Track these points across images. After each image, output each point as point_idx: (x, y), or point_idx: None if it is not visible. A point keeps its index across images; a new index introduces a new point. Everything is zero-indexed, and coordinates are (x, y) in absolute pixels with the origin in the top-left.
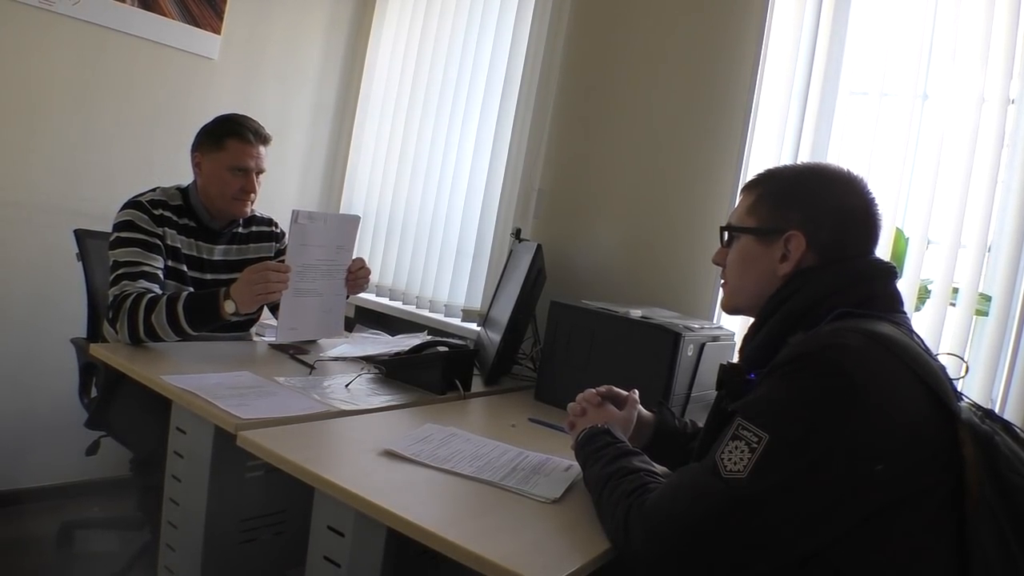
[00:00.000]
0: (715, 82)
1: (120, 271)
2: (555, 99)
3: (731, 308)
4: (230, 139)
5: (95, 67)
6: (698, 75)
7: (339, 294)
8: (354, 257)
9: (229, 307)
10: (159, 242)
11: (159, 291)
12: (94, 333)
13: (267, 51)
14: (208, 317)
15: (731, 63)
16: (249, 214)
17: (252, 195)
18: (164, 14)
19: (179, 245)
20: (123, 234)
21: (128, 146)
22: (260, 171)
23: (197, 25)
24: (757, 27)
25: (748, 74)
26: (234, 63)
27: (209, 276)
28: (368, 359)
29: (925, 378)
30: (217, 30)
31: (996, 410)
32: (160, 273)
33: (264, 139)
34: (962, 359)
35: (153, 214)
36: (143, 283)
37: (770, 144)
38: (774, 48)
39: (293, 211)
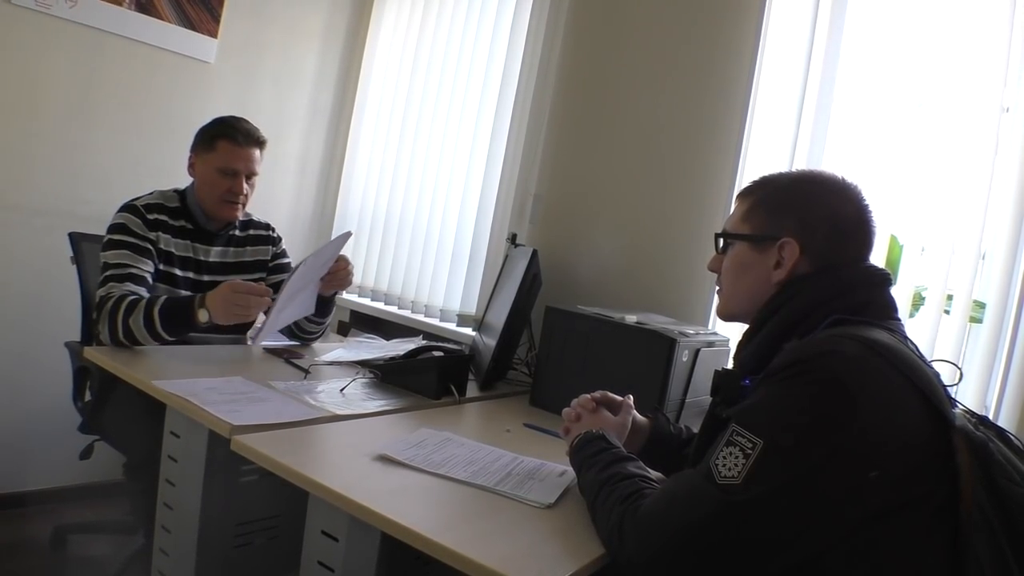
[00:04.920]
0: (711, 89)
1: (108, 272)
2: (551, 105)
3: (726, 315)
4: (220, 141)
5: (92, 70)
6: (694, 82)
7: (314, 293)
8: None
9: (203, 316)
10: (150, 247)
11: (145, 294)
12: (88, 336)
13: (264, 55)
14: (182, 324)
15: (727, 70)
16: (239, 217)
17: (241, 197)
18: (161, 17)
19: (173, 249)
20: (115, 236)
21: (124, 149)
22: (251, 174)
23: (194, 29)
24: (753, 34)
25: (744, 81)
26: (231, 67)
27: (206, 278)
28: (363, 364)
29: (919, 385)
30: (214, 34)
31: (990, 417)
32: (149, 277)
33: (257, 142)
34: (956, 366)
35: (147, 218)
36: (130, 286)
37: (766, 151)
38: (770, 55)
39: (301, 261)
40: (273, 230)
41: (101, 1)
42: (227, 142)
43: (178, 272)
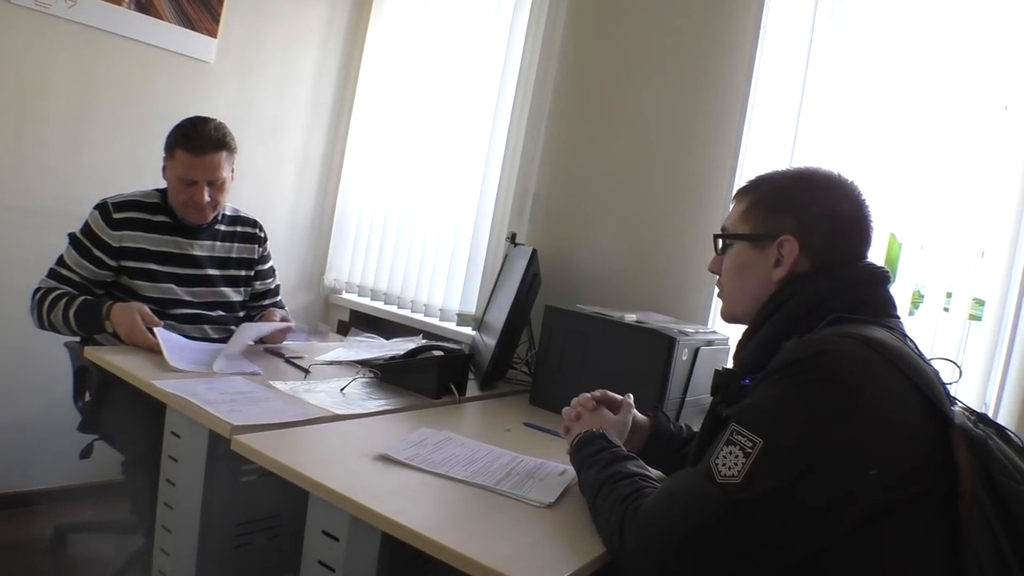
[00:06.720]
0: (710, 86)
1: (52, 267)
2: (551, 104)
3: (730, 317)
4: (178, 149)
5: (91, 70)
6: (693, 81)
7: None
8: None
9: (108, 327)
10: (101, 253)
11: (72, 291)
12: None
13: (263, 54)
14: (92, 328)
15: (725, 68)
16: (207, 220)
17: (206, 203)
18: (160, 17)
19: (146, 245)
20: (76, 235)
21: (123, 149)
22: (214, 181)
23: (193, 28)
24: (752, 32)
25: (742, 80)
26: (230, 66)
27: (192, 271)
28: (363, 363)
29: (919, 383)
30: (213, 33)
31: (990, 414)
32: (84, 279)
33: (219, 145)
34: (956, 364)
35: (112, 218)
36: (59, 282)
37: (764, 149)
38: (769, 53)
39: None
40: (261, 228)
41: (100, 0)
42: (184, 151)
43: (156, 267)
